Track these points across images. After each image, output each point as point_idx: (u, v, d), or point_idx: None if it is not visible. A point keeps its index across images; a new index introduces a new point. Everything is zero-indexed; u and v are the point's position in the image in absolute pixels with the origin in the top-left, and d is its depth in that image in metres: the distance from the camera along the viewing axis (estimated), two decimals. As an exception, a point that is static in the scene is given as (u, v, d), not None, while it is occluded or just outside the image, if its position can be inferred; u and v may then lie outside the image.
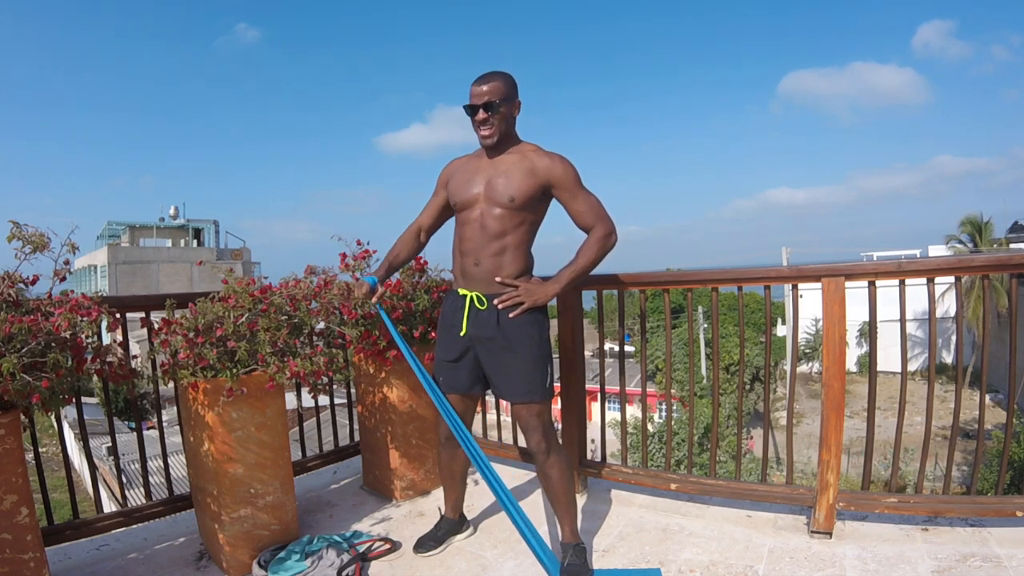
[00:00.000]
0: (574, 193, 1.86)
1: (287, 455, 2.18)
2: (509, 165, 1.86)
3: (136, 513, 2.28)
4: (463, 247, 1.91)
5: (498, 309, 1.86)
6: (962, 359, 14.15)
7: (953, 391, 2.10)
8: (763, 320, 4.18)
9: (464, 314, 1.89)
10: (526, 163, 1.85)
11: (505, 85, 1.82)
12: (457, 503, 2.21)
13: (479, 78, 1.83)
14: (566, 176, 1.85)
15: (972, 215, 23.60)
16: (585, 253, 1.88)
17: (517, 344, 1.86)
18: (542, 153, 1.87)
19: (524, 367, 1.87)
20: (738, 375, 3.12)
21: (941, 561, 1.85)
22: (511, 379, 1.89)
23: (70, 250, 1.76)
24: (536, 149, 1.89)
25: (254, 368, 2.03)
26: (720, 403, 7.69)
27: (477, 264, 1.88)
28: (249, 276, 2.15)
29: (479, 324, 1.88)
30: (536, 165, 1.85)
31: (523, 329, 1.87)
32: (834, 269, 2.05)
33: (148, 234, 32.77)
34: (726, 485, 2.30)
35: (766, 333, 2.54)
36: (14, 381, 1.55)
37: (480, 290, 1.89)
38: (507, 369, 1.88)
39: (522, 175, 1.84)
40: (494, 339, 1.87)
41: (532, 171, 1.84)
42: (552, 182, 1.85)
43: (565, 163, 1.86)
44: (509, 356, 1.87)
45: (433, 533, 2.17)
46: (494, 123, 1.82)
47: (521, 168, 1.85)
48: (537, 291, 1.87)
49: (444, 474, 2.17)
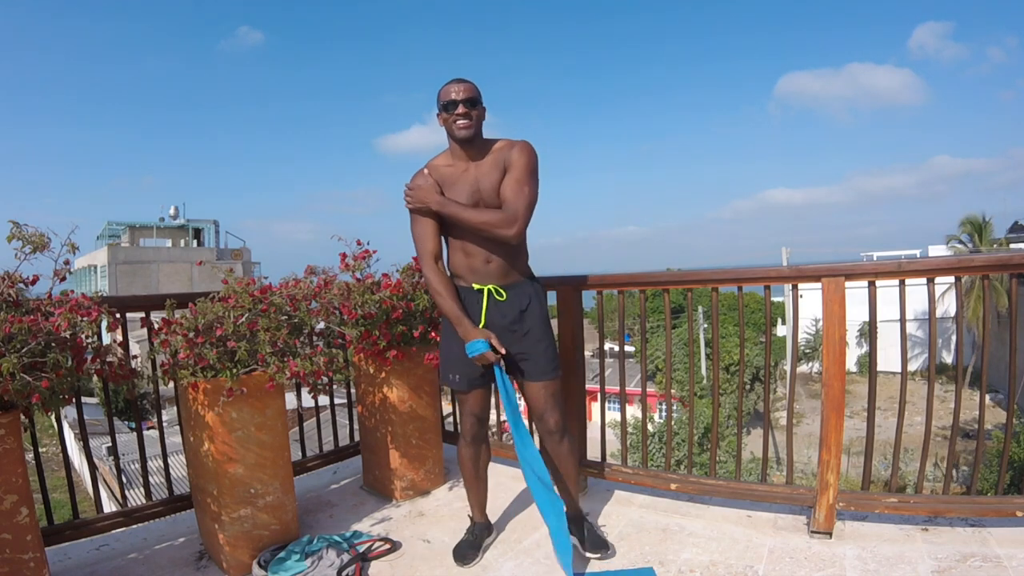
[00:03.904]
0: (516, 175, 1.93)
1: (287, 455, 2.18)
2: (489, 167, 1.96)
3: (136, 513, 2.28)
4: (467, 248, 1.97)
5: (518, 297, 1.99)
6: (962, 359, 14.15)
7: (953, 391, 2.10)
8: (763, 320, 4.18)
9: (483, 307, 1.96)
10: (500, 160, 1.96)
11: (477, 90, 1.95)
12: (483, 504, 2.21)
13: (453, 80, 1.95)
14: (518, 159, 1.93)
15: (972, 215, 23.58)
16: (476, 212, 1.91)
17: (537, 327, 2.01)
18: (508, 144, 1.98)
19: (548, 348, 2.03)
20: (738, 375, 3.12)
21: (941, 561, 1.85)
22: (538, 360, 2.01)
23: (70, 250, 1.76)
24: (504, 143, 1.99)
25: (254, 368, 2.03)
26: (720, 403, 7.70)
27: (489, 261, 1.96)
28: (249, 276, 2.15)
29: (500, 314, 1.98)
30: (505, 157, 1.95)
31: (541, 312, 2.03)
32: (834, 269, 2.05)
33: (148, 234, 32.78)
34: (726, 485, 2.30)
35: (766, 333, 2.54)
36: (14, 381, 1.55)
37: (496, 283, 1.97)
38: (534, 351, 2.01)
39: (500, 171, 1.95)
40: (517, 325, 1.98)
41: (503, 163, 1.95)
42: (507, 164, 1.94)
43: (522, 148, 1.95)
44: (534, 339, 2.01)
45: (469, 541, 2.13)
46: (472, 117, 1.92)
47: (498, 166, 1.95)
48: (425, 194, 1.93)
49: (469, 475, 2.15)
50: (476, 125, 1.94)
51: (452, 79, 1.96)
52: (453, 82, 1.94)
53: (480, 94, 1.95)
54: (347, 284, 2.41)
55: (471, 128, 1.92)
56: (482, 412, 2.09)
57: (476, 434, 2.10)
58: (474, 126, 1.93)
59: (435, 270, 1.96)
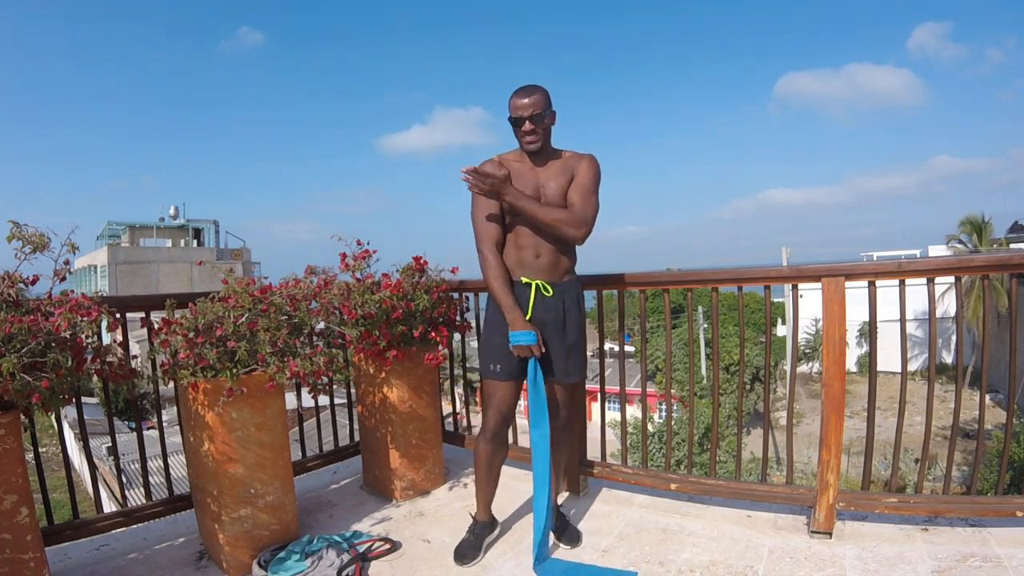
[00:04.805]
0: (585, 184, 2.04)
1: (287, 455, 2.18)
2: (556, 171, 2.05)
3: (136, 513, 2.28)
4: (520, 241, 2.04)
5: (563, 295, 2.06)
6: (962, 359, 14.14)
7: (953, 391, 2.10)
8: (763, 320, 4.18)
9: (530, 300, 2.01)
10: (568, 167, 2.06)
11: (544, 99, 2.00)
12: (489, 502, 2.20)
13: (521, 91, 1.99)
14: (586, 170, 2.05)
15: (972, 215, 23.56)
16: (548, 210, 1.98)
17: (576, 328, 2.09)
18: (576, 155, 2.10)
19: (583, 350, 2.14)
20: (738, 375, 3.12)
21: (941, 561, 1.85)
22: (573, 359, 2.10)
23: (70, 250, 1.76)
24: (572, 154, 2.10)
25: (254, 368, 2.03)
26: (720, 403, 7.69)
27: (538, 256, 2.04)
28: (249, 276, 2.15)
29: (545, 309, 2.04)
30: (573, 166, 2.06)
31: (580, 314, 2.11)
32: (834, 269, 2.05)
33: (148, 234, 32.76)
34: (726, 485, 2.30)
35: (766, 333, 2.54)
36: (14, 381, 1.55)
37: (544, 278, 2.04)
38: (570, 351, 2.09)
39: (565, 178, 2.05)
40: (561, 323, 2.05)
41: (570, 171, 2.06)
42: (575, 171, 2.05)
43: (591, 161, 2.07)
44: (572, 339, 2.09)
45: (470, 540, 2.12)
46: (539, 132, 1.99)
47: (565, 173, 2.05)
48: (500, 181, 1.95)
49: (483, 471, 2.14)
50: (543, 137, 2.02)
51: (520, 88, 2.00)
52: (520, 93, 1.98)
53: (548, 103, 2.00)
54: (347, 284, 2.41)
55: (538, 142, 2.01)
56: (509, 410, 2.09)
57: (498, 432, 2.09)
58: (541, 139, 2.01)
59: (496, 256, 2.02)
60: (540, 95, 1.98)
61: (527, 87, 2.00)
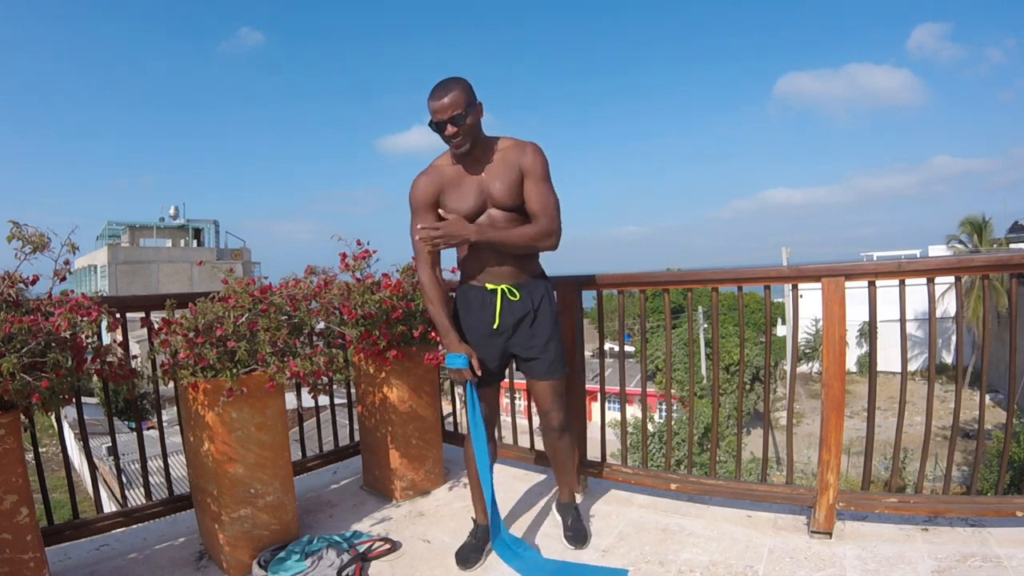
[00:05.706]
0: (536, 181, 1.92)
1: (287, 455, 2.18)
2: (499, 169, 1.93)
3: (136, 513, 2.28)
4: (480, 251, 1.96)
5: (530, 294, 2.00)
6: (962, 359, 14.15)
7: (953, 391, 2.10)
8: (763, 320, 4.18)
9: (496, 307, 1.97)
10: (508, 161, 1.93)
11: (464, 93, 1.83)
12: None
13: (436, 91, 1.83)
14: (534, 163, 1.92)
15: (972, 215, 23.56)
16: (517, 233, 1.90)
17: (547, 326, 2.04)
18: (516, 145, 1.95)
19: (557, 347, 2.07)
20: (738, 375, 3.12)
21: (941, 561, 1.85)
22: (547, 359, 2.04)
23: (70, 250, 1.76)
24: (512, 144, 1.95)
25: (254, 368, 2.03)
26: (720, 403, 7.70)
27: (502, 263, 1.97)
28: (249, 276, 2.15)
29: (513, 313, 1.99)
30: (514, 159, 1.93)
31: (551, 311, 2.05)
32: (834, 269, 2.05)
33: (148, 234, 32.77)
34: (726, 485, 2.30)
35: (766, 333, 2.54)
36: (14, 381, 1.55)
37: (509, 282, 1.98)
38: (544, 350, 2.04)
39: (511, 174, 1.92)
40: (530, 324, 2.01)
41: (514, 166, 1.93)
42: (522, 168, 1.92)
43: (536, 151, 1.93)
44: (544, 338, 2.03)
45: (472, 544, 2.10)
46: (462, 133, 1.85)
47: (509, 169, 1.92)
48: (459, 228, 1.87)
49: (475, 473, 2.10)
50: (470, 135, 1.87)
51: (435, 87, 1.84)
52: (435, 93, 1.83)
53: (469, 97, 1.84)
54: (347, 284, 2.41)
55: (466, 143, 1.87)
56: (490, 411, 2.09)
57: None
58: (468, 139, 1.87)
59: (431, 277, 1.97)
60: (457, 92, 1.81)
61: (442, 84, 1.83)
